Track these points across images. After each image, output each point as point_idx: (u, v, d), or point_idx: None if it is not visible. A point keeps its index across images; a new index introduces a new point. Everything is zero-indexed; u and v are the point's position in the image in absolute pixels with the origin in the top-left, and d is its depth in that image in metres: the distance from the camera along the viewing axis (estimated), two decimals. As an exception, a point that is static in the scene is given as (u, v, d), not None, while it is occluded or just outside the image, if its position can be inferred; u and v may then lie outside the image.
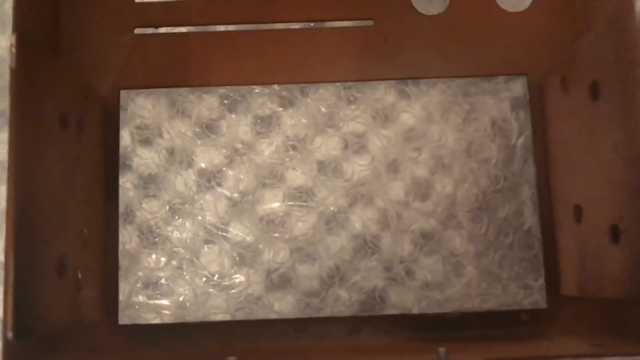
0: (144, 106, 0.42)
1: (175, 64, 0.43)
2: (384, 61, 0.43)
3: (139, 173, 0.42)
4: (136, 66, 0.43)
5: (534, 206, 0.41)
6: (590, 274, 0.36)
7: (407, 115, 0.43)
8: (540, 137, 0.42)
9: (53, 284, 0.34)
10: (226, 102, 0.42)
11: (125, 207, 0.41)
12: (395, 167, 0.42)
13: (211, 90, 0.42)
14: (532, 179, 0.42)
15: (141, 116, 0.42)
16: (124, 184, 0.42)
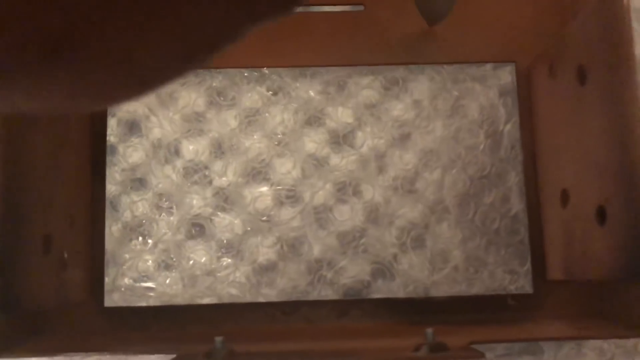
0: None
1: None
2: (373, 46, 0.44)
3: (126, 157, 0.41)
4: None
5: (521, 192, 0.42)
6: (576, 256, 0.36)
7: (396, 101, 0.43)
8: (528, 124, 0.42)
9: (39, 261, 0.34)
10: (215, 85, 0.42)
11: (112, 190, 0.41)
12: (382, 154, 0.42)
13: (199, 74, 0.42)
14: (518, 166, 0.42)
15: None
16: (111, 167, 0.41)
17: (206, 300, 0.40)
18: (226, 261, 0.41)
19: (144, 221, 0.41)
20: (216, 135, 0.42)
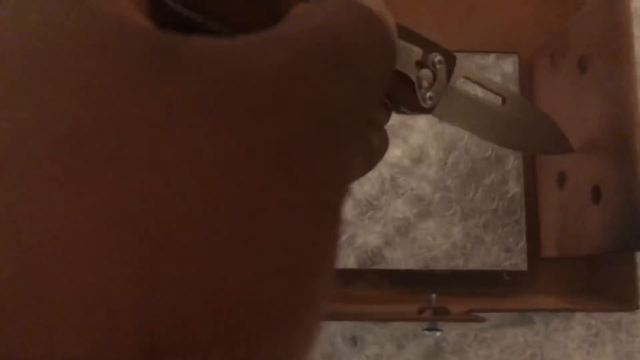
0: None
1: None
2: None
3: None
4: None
5: (519, 175, 0.44)
6: (571, 234, 0.39)
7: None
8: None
9: None
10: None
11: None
12: (391, 132, 0.44)
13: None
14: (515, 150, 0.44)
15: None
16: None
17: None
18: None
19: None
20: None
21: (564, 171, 0.40)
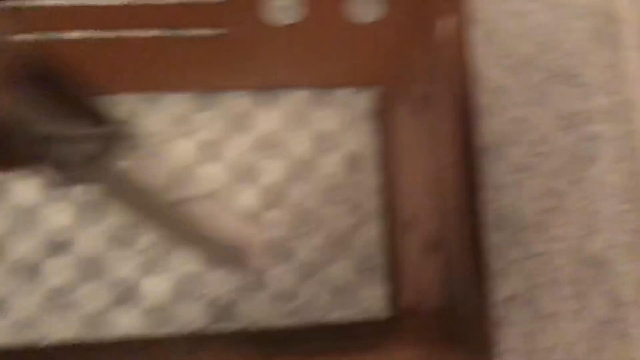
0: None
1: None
2: (236, 71, 0.43)
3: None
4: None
5: (377, 217, 0.42)
6: (419, 284, 0.37)
7: (261, 123, 0.43)
8: (383, 150, 0.43)
9: None
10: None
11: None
12: (247, 174, 0.42)
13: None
14: (373, 192, 0.42)
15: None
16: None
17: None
18: (81, 293, 0.40)
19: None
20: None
21: (412, 215, 0.38)
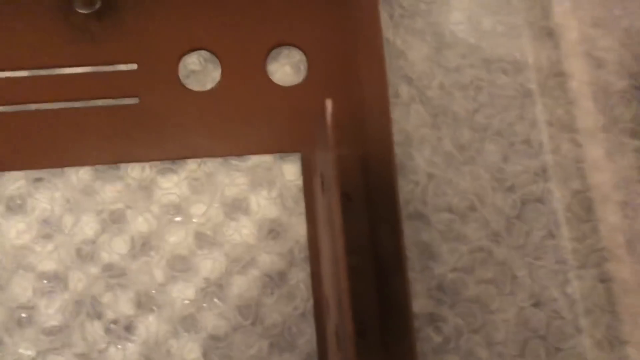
0: None
1: None
2: (149, 141, 0.41)
3: None
4: None
5: (307, 290, 0.40)
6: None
7: (170, 193, 0.41)
8: (313, 217, 0.41)
9: None
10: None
11: None
12: (150, 244, 0.40)
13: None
14: (303, 262, 0.40)
15: None
16: None
17: None
18: None
19: None
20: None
21: (326, 303, 0.35)
